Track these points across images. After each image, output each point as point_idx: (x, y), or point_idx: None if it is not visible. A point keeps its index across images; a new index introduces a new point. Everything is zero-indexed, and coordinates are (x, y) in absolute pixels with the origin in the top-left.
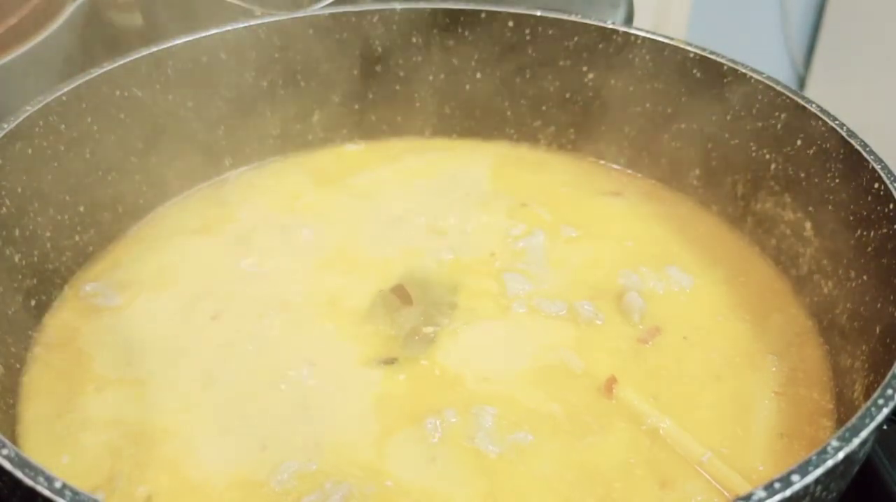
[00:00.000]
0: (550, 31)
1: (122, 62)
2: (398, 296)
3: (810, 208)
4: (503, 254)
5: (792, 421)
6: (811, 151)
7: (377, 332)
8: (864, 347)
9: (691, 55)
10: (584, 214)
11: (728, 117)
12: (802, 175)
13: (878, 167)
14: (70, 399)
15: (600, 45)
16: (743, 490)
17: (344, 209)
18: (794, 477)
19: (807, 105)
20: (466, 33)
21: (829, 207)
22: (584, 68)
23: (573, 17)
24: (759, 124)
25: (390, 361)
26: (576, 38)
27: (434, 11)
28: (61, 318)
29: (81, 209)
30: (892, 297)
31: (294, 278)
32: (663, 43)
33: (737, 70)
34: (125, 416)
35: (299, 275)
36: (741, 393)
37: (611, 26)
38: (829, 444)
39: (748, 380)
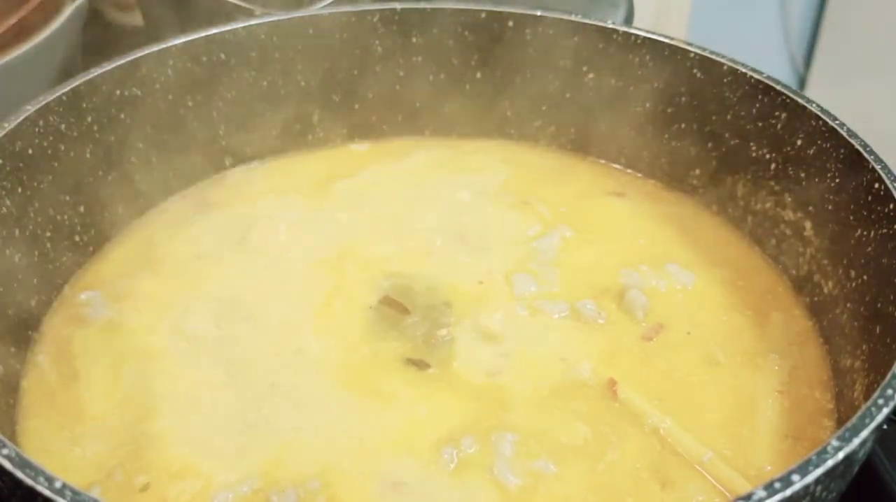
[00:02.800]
0: (550, 31)
1: (122, 62)
2: (392, 307)
3: (810, 208)
4: (506, 255)
5: (796, 420)
6: (811, 151)
7: (391, 348)
8: (864, 347)
9: (691, 55)
10: (585, 214)
11: (728, 117)
12: (802, 175)
13: (878, 167)
14: (70, 399)
15: (600, 45)
16: (744, 490)
17: (344, 210)
18: (795, 477)
19: (807, 105)
20: (466, 33)
21: (829, 207)
22: (584, 68)
23: (573, 17)
24: (759, 124)
25: (423, 365)
26: (576, 38)
27: (434, 11)
28: (60, 319)
29: (81, 209)
30: (892, 297)
31: (297, 283)
32: (663, 43)
33: (737, 70)
34: (124, 417)
35: (302, 281)
36: (745, 392)
37: (611, 26)
38: (829, 444)
39: (751, 379)
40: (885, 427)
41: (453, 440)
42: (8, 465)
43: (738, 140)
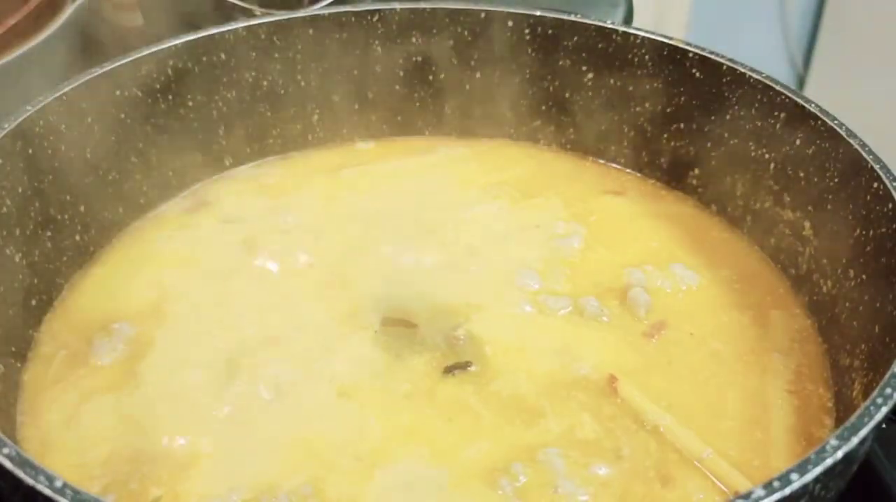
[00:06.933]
0: (550, 31)
1: (122, 62)
2: (398, 325)
3: (809, 208)
4: (507, 253)
5: (806, 420)
6: (810, 151)
7: (423, 361)
8: (863, 346)
9: (691, 55)
10: (585, 213)
11: (727, 117)
12: (802, 174)
13: (877, 167)
14: (72, 401)
15: (600, 45)
16: (743, 487)
17: (344, 210)
18: (794, 476)
19: (806, 105)
20: (466, 33)
21: (829, 207)
22: (584, 68)
23: (573, 17)
24: (759, 124)
25: (465, 365)
26: (576, 38)
27: (434, 11)
28: (61, 320)
29: (81, 209)
30: (891, 297)
31: (304, 290)
32: (663, 43)
33: (736, 70)
34: (128, 420)
35: (308, 288)
36: (755, 393)
37: (610, 26)
38: (827, 443)
39: (760, 379)
40: (883, 426)
41: (503, 470)
42: (8, 464)
43: (738, 140)
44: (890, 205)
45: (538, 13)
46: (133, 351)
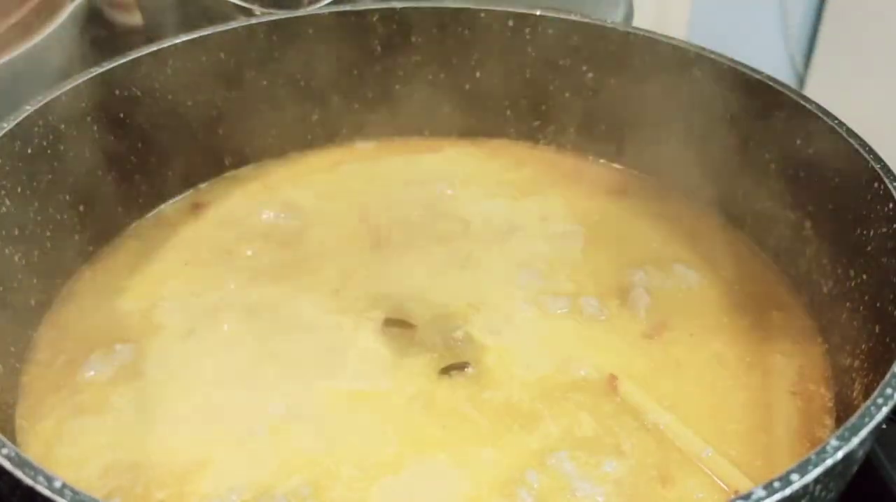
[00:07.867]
0: (550, 31)
1: (122, 62)
2: (397, 326)
3: (810, 208)
4: (507, 253)
5: (808, 421)
6: (811, 151)
7: (421, 363)
8: (863, 346)
9: (691, 55)
10: (585, 213)
11: (728, 117)
12: (802, 174)
13: (877, 167)
14: (70, 409)
15: (600, 45)
16: (744, 485)
17: (343, 209)
18: (794, 477)
19: (806, 104)
20: (466, 33)
21: (829, 207)
22: (584, 68)
23: (573, 17)
24: (759, 124)
25: (462, 366)
26: (575, 38)
27: (434, 11)
28: (59, 321)
29: (81, 209)
30: (891, 297)
31: (303, 291)
32: (663, 42)
33: (736, 69)
34: (127, 429)
35: (307, 288)
36: (756, 393)
37: (610, 25)
38: (828, 443)
39: (762, 380)
40: (884, 426)
41: (518, 480)
42: (7, 465)
43: (738, 140)
44: (890, 205)
45: (538, 13)
46: (131, 355)
